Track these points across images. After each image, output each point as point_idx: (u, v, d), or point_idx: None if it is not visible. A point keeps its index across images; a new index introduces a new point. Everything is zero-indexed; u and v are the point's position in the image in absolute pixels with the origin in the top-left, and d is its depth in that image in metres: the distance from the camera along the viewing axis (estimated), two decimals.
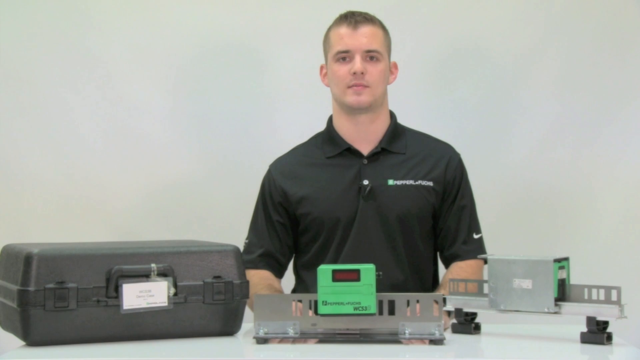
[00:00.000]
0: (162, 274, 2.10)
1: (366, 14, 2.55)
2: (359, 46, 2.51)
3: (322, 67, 2.64)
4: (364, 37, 2.51)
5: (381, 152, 2.58)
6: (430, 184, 2.57)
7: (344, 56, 2.52)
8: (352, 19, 2.53)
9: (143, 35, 3.25)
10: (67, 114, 3.25)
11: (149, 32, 3.25)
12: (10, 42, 3.25)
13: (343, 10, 2.58)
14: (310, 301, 2.06)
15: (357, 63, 2.50)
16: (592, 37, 3.19)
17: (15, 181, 3.24)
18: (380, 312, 2.03)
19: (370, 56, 2.52)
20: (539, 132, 3.23)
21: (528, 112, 3.23)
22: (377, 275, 2.01)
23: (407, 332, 2.02)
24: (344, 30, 2.53)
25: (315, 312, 2.04)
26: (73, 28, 3.24)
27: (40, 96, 3.25)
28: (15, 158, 3.24)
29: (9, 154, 3.24)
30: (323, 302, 2.01)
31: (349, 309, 2.00)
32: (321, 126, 2.69)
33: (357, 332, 2.05)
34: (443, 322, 2.02)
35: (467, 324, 2.16)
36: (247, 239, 2.65)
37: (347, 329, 2.05)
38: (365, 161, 2.57)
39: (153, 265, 2.10)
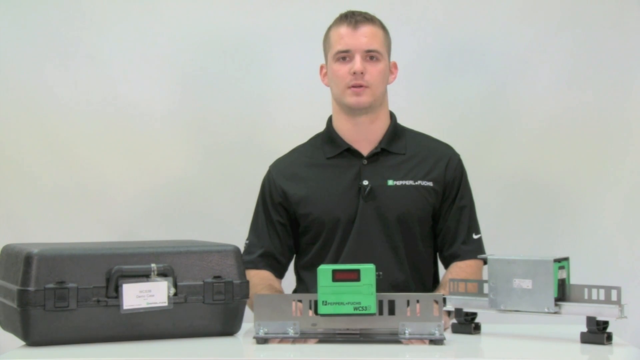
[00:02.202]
0: (162, 274, 2.10)
1: (366, 13, 2.55)
2: (359, 46, 2.51)
3: (322, 67, 2.64)
4: (364, 37, 2.51)
5: (381, 152, 2.58)
6: (430, 184, 2.57)
7: (344, 56, 2.52)
8: (352, 18, 2.53)
9: (143, 35, 3.26)
10: (67, 114, 3.25)
11: (149, 32, 3.26)
12: (10, 42, 3.25)
13: (343, 10, 2.58)
14: (310, 301, 2.06)
15: (357, 63, 2.50)
16: (592, 36, 3.19)
17: (15, 181, 3.24)
18: (380, 312, 2.03)
19: (370, 56, 2.52)
20: (539, 132, 3.23)
21: (528, 112, 3.23)
22: (377, 275, 2.01)
23: (407, 332, 2.02)
24: (344, 29, 2.53)
25: (315, 312, 2.04)
26: (73, 28, 3.25)
27: (40, 96, 3.25)
28: (15, 158, 3.24)
29: (8, 153, 3.24)
30: (323, 302, 2.01)
31: (349, 309, 2.00)
32: (321, 126, 2.69)
33: (357, 332, 2.05)
34: (443, 322, 2.02)
35: (467, 324, 2.16)
36: (247, 239, 2.65)
37: (347, 329, 2.05)
38: (365, 161, 2.57)
39: (153, 265, 2.10)
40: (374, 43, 2.52)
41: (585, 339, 2.01)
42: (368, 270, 2.01)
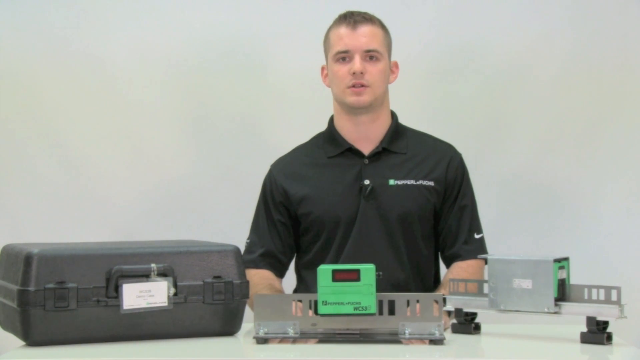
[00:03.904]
0: (162, 274, 2.10)
1: (365, 13, 2.55)
2: (358, 46, 2.51)
3: (322, 68, 2.64)
4: (363, 37, 2.51)
5: (382, 152, 2.58)
6: (432, 183, 2.57)
7: (344, 56, 2.52)
8: (352, 18, 2.53)
9: (144, 35, 3.26)
10: (67, 114, 3.26)
11: (150, 32, 3.26)
12: (11, 42, 3.25)
13: (343, 10, 2.58)
14: (310, 301, 2.06)
15: (357, 63, 2.50)
16: (592, 37, 3.19)
17: (15, 181, 3.24)
18: (380, 312, 2.03)
19: (370, 56, 2.52)
20: (539, 132, 3.23)
21: (528, 112, 3.23)
22: (377, 275, 2.01)
23: (407, 332, 2.02)
24: (343, 30, 2.53)
25: (315, 312, 2.04)
26: (74, 28, 3.25)
27: (41, 96, 3.25)
28: (15, 158, 3.25)
29: (9, 153, 3.25)
30: (323, 302, 2.01)
31: (349, 309, 2.00)
32: (322, 126, 2.69)
33: (357, 332, 2.05)
34: (443, 322, 2.02)
35: (467, 324, 2.16)
36: (248, 238, 2.65)
37: (347, 329, 2.05)
38: (367, 161, 2.57)
39: (153, 265, 2.10)
40: (373, 43, 2.52)
41: (585, 339, 2.01)
42: (368, 270, 2.01)
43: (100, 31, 3.25)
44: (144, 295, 2.08)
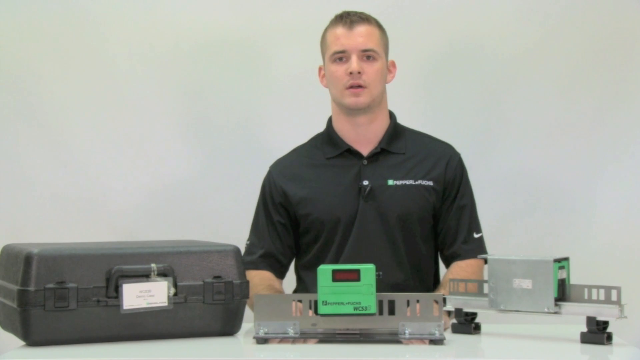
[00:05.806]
0: (162, 274, 2.10)
1: (362, 13, 2.55)
2: (355, 46, 2.51)
3: (320, 69, 2.64)
4: (359, 37, 2.51)
5: (381, 152, 2.58)
6: (430, 183, 2.57)
7: (341, 56, 2.52)
8: (348, 18, 2.53)
9: (143, 35, 3.25)
10: (67, 114, 3.25)
11: (149, 32, 3.25)
12: (11, 42, 3.25)
13: (341, 11, 2.58)
14: (310, 301, 2.07)
15: (354, 63, 2.50)
16: (592, 37, 3.18)
17: (15, 181, 3.24)
18: (380, 312, 2.03)
19: (367, 56, 2.52)
20: (539, 132, 3.22)
21: (528, 112, 3.22)
22: (377, 275, 2.01)
23: (407, 332, 2.02)
24: (339, 30, 2.53)
25: (315, 312, 2.04)
26: (74, 28, 3.24)
27: (40, 96, 3.24)
28: (15, 158, 3.24)
29: (9, 153, 3.24)
30: (323, 302, 2.01)
31: (349, 309, 2.00)
32: (321, 127, 2.69)
33: (357, 332, 2.05)
34: (443, 322, 2.02)
35: (467, 324, 2.16)
36: (248, 239, 2.66)
37: (347, 329, 2.05)
38: (365, 162, 2.57)
39: (153, 265, 2.10)
40: (370, 42, 2.52)
41: (585, 339, 2.01)
42: (368, 270, 2.01)
43: (101, 31, 3.24)
44: (144, 295, 2.08)
